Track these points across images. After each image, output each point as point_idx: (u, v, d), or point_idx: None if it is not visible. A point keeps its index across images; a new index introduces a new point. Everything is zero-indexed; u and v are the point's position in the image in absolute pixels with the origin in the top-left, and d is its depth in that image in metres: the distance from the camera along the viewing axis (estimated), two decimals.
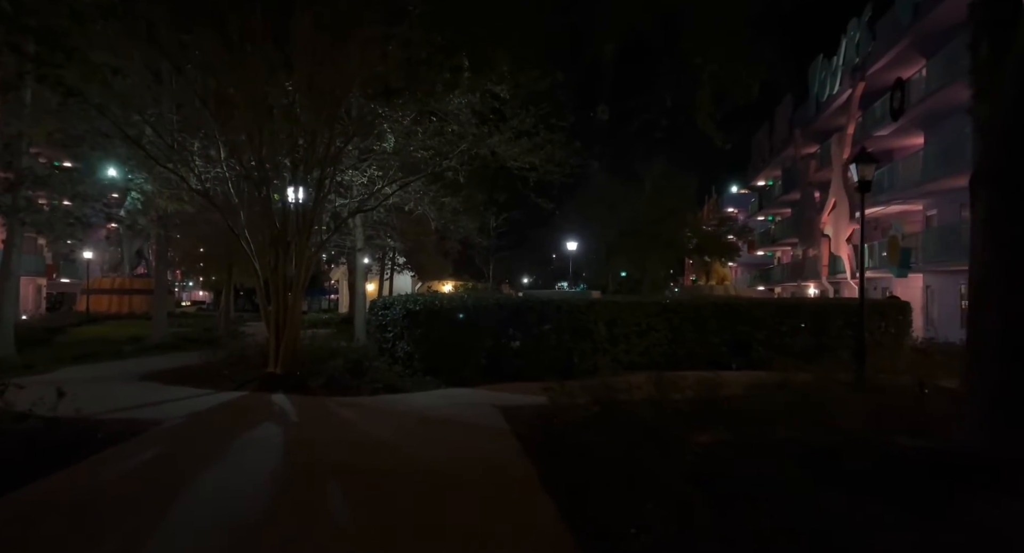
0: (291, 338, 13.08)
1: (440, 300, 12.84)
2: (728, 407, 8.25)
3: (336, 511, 5.49)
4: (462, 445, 7.71)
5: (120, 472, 6.50)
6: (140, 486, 6.04)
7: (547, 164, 13.14)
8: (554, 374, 12.93)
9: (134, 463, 6.86)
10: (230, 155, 12.94)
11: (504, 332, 12.83)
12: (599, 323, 13.39)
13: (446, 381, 12.36)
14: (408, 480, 6.17)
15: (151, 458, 7.12)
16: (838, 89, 33.49)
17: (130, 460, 6.95)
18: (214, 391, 11.72)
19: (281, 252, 13.11)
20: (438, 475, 6.34)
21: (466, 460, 6.93)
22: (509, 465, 6.66)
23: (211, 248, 28.04)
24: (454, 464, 6.76)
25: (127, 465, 6.77)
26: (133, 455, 7.14)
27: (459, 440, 7.98)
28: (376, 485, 6.02)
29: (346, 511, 5.47)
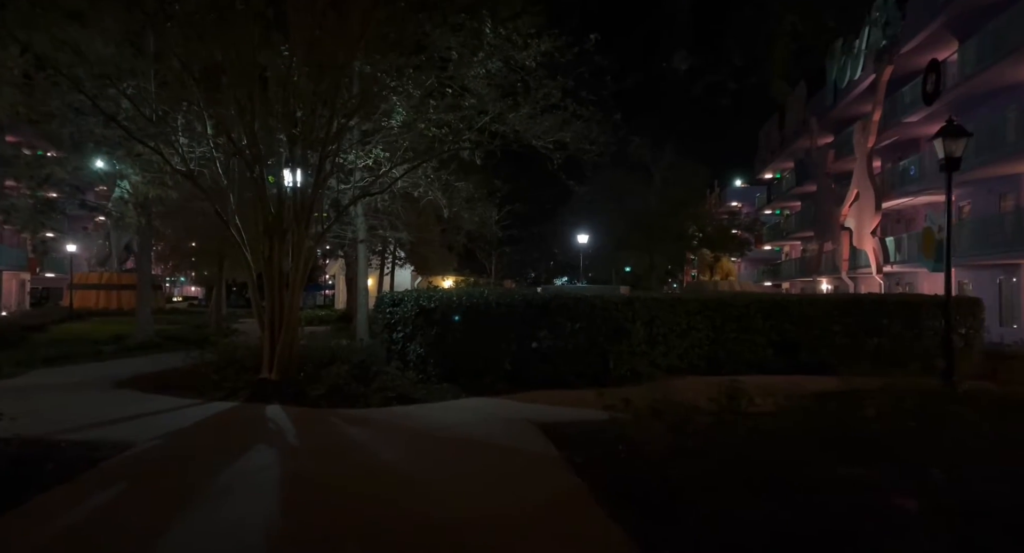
0: (288, 339, 11.50)
1: (458, 296, 11.29)
2: (834, 429, 6.69)
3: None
4: (507, 482, 6.13)
5: (56, 532, 4.88)
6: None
7: (580, 142, 11.56)
8: (586, 380, 11.45)
9: (80, 515, 5.18)
10: (217, 131, 11.35)
11: (531, 333, 11.28)
12: (637, 323, 11.84)
13: (465, 389, 10.81)
14: (451, 541, 4.61)
15: (105, 505, 5.48)
16: (860, 74, 31.97)
17: (76, 510, 5.28)
18: (200, 401, 10.14)
19: (276, 242, 11.52)
20: (487, 533, 4.78)
21: (519, 510, 5.37)
22: (582, 521, 5.02)
23: (201, 240, 26.40)
24: (506, 518, 5.17)
25: (69, 519, 5.11)
26: (83, 500, 5.48)
27: (501, 474, 6.39)
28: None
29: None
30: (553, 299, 11.34)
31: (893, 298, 13.75)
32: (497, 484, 6.02)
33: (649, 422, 7.31)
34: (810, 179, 41.08)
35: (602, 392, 10.70)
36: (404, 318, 12.13)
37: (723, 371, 12.89)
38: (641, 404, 7.67)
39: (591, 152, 11.66)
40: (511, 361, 11.19)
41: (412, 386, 10.82)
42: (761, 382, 12.32)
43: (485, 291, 11.88)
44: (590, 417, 8.59)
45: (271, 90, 10.63)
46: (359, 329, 18.22)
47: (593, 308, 11.42)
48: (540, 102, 11.52)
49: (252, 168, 10.94)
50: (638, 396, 7.95)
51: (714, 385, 11.41)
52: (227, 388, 10.97)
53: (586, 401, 10.03)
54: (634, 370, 11.82)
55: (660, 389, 10.84)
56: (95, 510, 5.29)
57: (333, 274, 50.39)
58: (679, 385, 11.43)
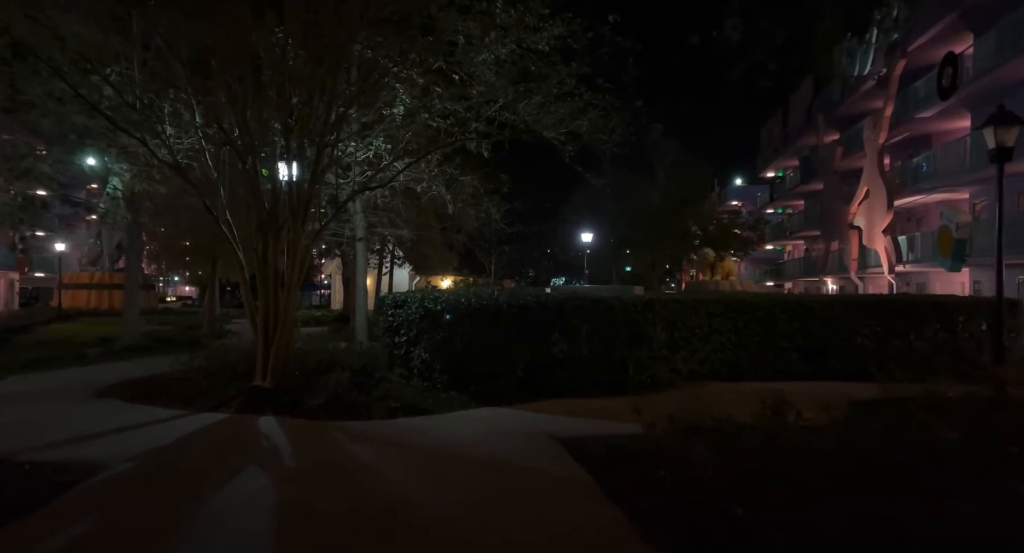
0: (283, 344, 10.68)
1: (467, 297, 10.47)
2: (910, 449, 5.89)
3: None
4: (536, 512, 5.30)
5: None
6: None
7: (596, 131, 10.73)
8: (604, 388, 10.66)
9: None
10: (207, 121, 10.52)
11: (545, 337, 10.47)
12: (657, 326, 11.05)
13: (475, 398, 10.00)
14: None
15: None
16: (870, 69, 31.22)
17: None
18: (186, 412, 9.31)
19: (271, 239, 10.70)
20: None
21: (551, 546, 4.56)
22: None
23: (193, 238, 25.55)
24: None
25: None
26: (32, 546, 4.67)
27: (527, 502, 5.55)
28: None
29: None
30: (568, 300, 10.53)
31: (926, 299, 12.98)
32: (524, 515, 5.20)
33: (687, 438, 6.52)
34: (816, 177, 40.35)
35: (623, 401, 10.00)
36: (408, 321, 11.33)
37: (745, 377, 12.16)
38: (673, 416, 6.90)
39: (609, 142, 10.85)
40: (524, 367, 10.38)
41: (418, 395, 10.01)
42: (791, 389, 11.51)
43: (495, 292, 11.07)
44: (617, 431, 7.79)
45: (264, 74, 9.81)
46: (358, 331, 17.40)
47: (612, 310, 10.62)
48: (554, 89, 10.71)
49: (244, 159, 10.10)
50: (665, 406, 7.19)
51: (743, 393, 10.64)
52: (217, 397, 10.14)
53: (608, 412, 9.25)
54: (654, 376, 11.04)
55: (688, 398, 10.04)
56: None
57: (329, 274, 49.52)
58: (705, 393, 10.63)
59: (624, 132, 10.69)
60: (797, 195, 46.72)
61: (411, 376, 11.00)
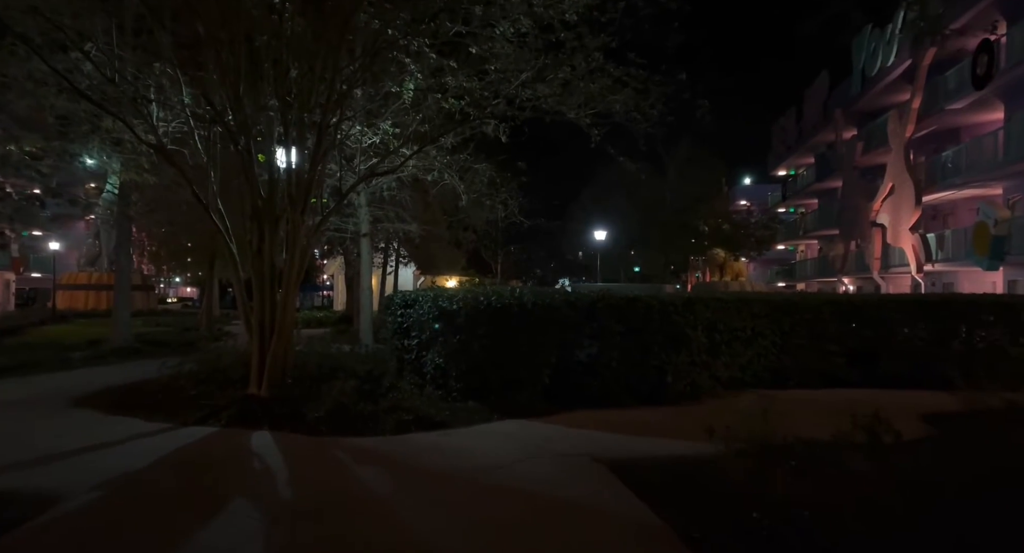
0: (281, 348, 9.56)
1: (486, 296, 9.33)
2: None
3: None
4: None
5: None
6: None
7: (630, 111, 9.58)
8: (639, 397, 9.53)
9: None
10: (196, 101, 9.42)
11: (574, 340, 9.32)
12: (698, 328, 9.90)
13: (496, 409, 8.85)
14: None
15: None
16: (893, 61, 30.04)
17: None
18: (170, 426, 8.17)
19: (268, 230, 9.59)
20: None
21: None
22: None
23: (190, 237, 24.51)
24: None
25: None
26: None
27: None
28: None
29: None
30: (601, 300, 9.38)
31: (988, 299, 11.81)
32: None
33: (764, 462, 5.38)
34: (832, 175, 39.16)
35: (664, 413, 8.85)
36: (419, 322, 10.20)
37: (790, 384, 11.04)
38: (736, 432, 5.77)
39: (645, 123, 9.70)
40: (550, 374, 9.23)
41: (432, 405, 8.88)
42: (847, 399, 10.40)
43: (517, 290, 9.93)
44: (670, 451, 6.65)
45: (259, 41, 8.68)
46: (363, 333, 16.28)
47: (649, 311, 9.47)
48: (582, 64, 9.56)
49: (236, 139, 8.97)
50: (716, 419, 6.08)
51: (798, 403, 9.48)
52: (206, 407, 9.01)
53: (651, 426, 8.10)
54: (694, 384, 9.89)
55: (738, 409, 8.91)
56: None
57: (331, 273, 48.40)
58: (755, 403, 9.50)
59: (663, 110, 9.52)
60: (811, 193, 45.50)
61: (423, 383, 9.89)
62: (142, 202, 19.57)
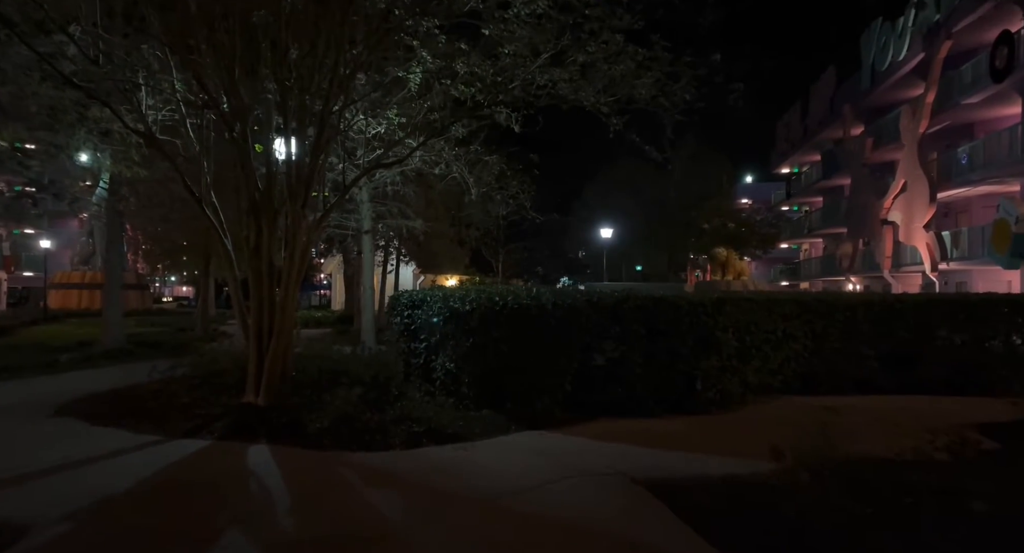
0: (280, 352, 8.85)
1: (502, 296, 8.64)
2: None
3: None
4: None
5: None
6: None
7: (657, 97, 8.88)
8: (666, 405, 8.84)
9: None
10: (186, 81, 8.71)
11: (597, 344, 8.63)
12: (728, 331, 9.22)
13: (514, 419, 8.17)
14: None
15: None
16: (905, 54, 29.40)
17: None
18: (158, 438, 7.47)
19: (266, 226, 8.88)
20: None
21: None
22: None
23: (186, 234, 23.72)
24: None
25: None
26: None
27: None
28: None
29: None
30: (626, 300, 8.69)
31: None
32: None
33: (826, 483, 4.72)
34: (839, 172, 38.58)
35: (695, 423, 8.17)
36: (428, 324, 9.52)
37: (821, 390, 10.38)
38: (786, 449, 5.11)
39: (673, 109, 9.00)
40: (571, 380, 8.54)
41: (444, 414, 8.19)
42: (889, 407, 9.72)
43: (535, 289, 9.24)
44: (717, 470, 5.96)
45: (256, 19, 7.97)
46: (365, 334, 15.59)
47: (677, 312, 8.78)
48: (604, 47, 8.86)
49: (232, 126, 8.26)
50: (755, 431, 5.42)
51: (837, 411, 8.79)
52: (199, 417, 8.31)
53: (686, 439, 7.41)
54: (724, 391, 9.21)
55: (776, 419, 8.23)
56: None
57: (330, 272, 47.66)
58: (790, 411, 8.82)
59: (695, 94, 8.81)
60: (817, 191, 44.91)
61: (433, 390, 9.20)
62: (134, 197, 18.86)
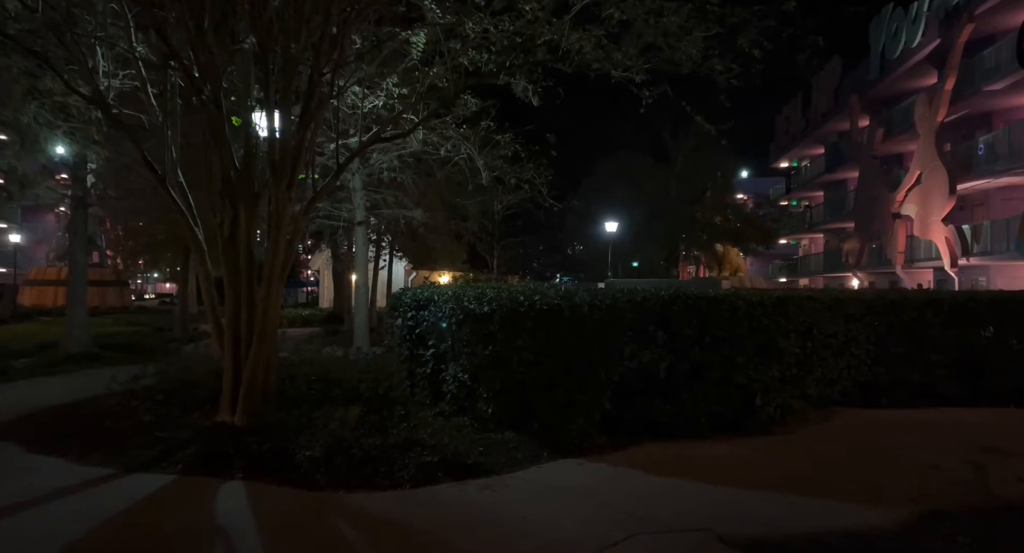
0: (262, 362, 7.41)
1: (528, 295, 7.24)
2: None
3: None
4: None
5: None
6: None
7: (713, 56, 7.49)
8: (721, 423, 7.48)
9: None
10: (146, 38, 7.24)
11: (641, 352, 7.24)
12: (790, 335, 7.86)
13: (542, 440, 6.79)
14: None
15: None
16: (919, 41, 28.19)
17: None
18: (109, 472, 6.03)
19: (244, 211, 7.44)
20: None
21: None
22: None
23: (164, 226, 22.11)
24: None
25: None
26: None
27: None
28: None
29: None
30: (676, 300, 7.31)
31: None
32: None
33: None
34: (844, 165, 37.44)
35: (761, 446, 6.81)
36: (437, 327, 8.10)
37: (883, 402, 9.09)
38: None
39: (727, 73, 7.62)
40: (610, 396, 7.16)
41: (459, 438, 6.81)
42: (978, 423, 8.41)
43: (564, 288, 7.85)
44: (818, 519, 4.60)
45: None
46: (358, 336, 14.13)
47: (734, 313, 7.40)
48: None
49: (201, 88, 6.80)
50: (839, 459, 4.06)
51: (924, 430, 7.50)
52: (162, 441, 6.88)
53: (754, 469, 6.03)
54: (784, 406, 7.86)
55: (855, 441, 6.88)
56: None
57: (318, 269, 46.03)
58: (865, 431, 7.50)
59: (762, 52, 7.41)
60: (818, 185, 43.83)
61: (442, 405, 7.82)
62: (105, 186, 17.33)
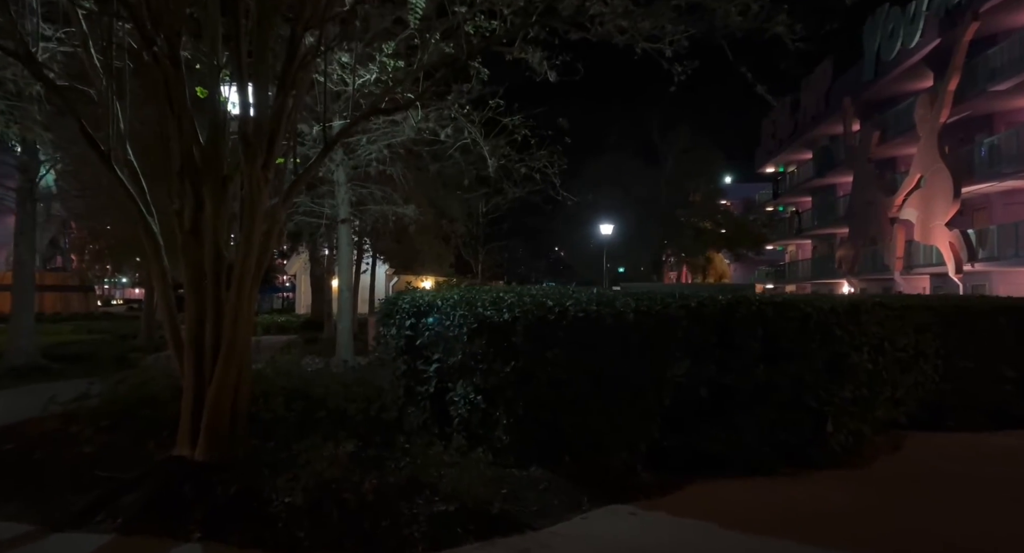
0: (230, 380, 5.99)
1: (557, 300, 5.94)
2: None
3: None
4: None
5: None
6: None
7: (781, 14, 6.28)
8: (784, 453, 6.26)
9: None
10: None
11: (695, 369, 5.97)
12: (864, 349, 6.65)
13: (578, 479, 5.50)
14: None
15: None
16: (917, 41, 27.46)
17: None
18: (27, 530, 4.62)
19: (209, 196, 6.04)
20: None
21: None
22: None
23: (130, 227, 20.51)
24: None
25: None
26: None
27: None
28: None
29: None
30: (738, 306, 6.06)
31: None
32: None
33: None
34: (835, 169, 36.74)
35: (845, 484, 5.57)
36: (443, 338, 6.76)
37: (949, 424, 7.94)
38: None
39: (794, 36, 6.41)
40: (659, 423, 5.88)
41: (476, 477, 5.45)
42: None
43: (596, 291, 6.57)
44: None
45: None
46: (341, 345, 12.72)
47: (805, 323, 6.17)
48: None
49: (153, 39, 5.41)
50: (948, 501, 3.41)
51: (1011, 460, 6.28)
52: (103, 483, 5.46)
53: (852, 522, 4.77)
54: (856, 433, 6.64)
55: (948, 480, 5.62)
56: None
57: (294, 273, 44.30)
58: (957, 462, 6.30)
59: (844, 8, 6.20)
60: (807, 191, 43.18)
61: (450, 431, 6.47)
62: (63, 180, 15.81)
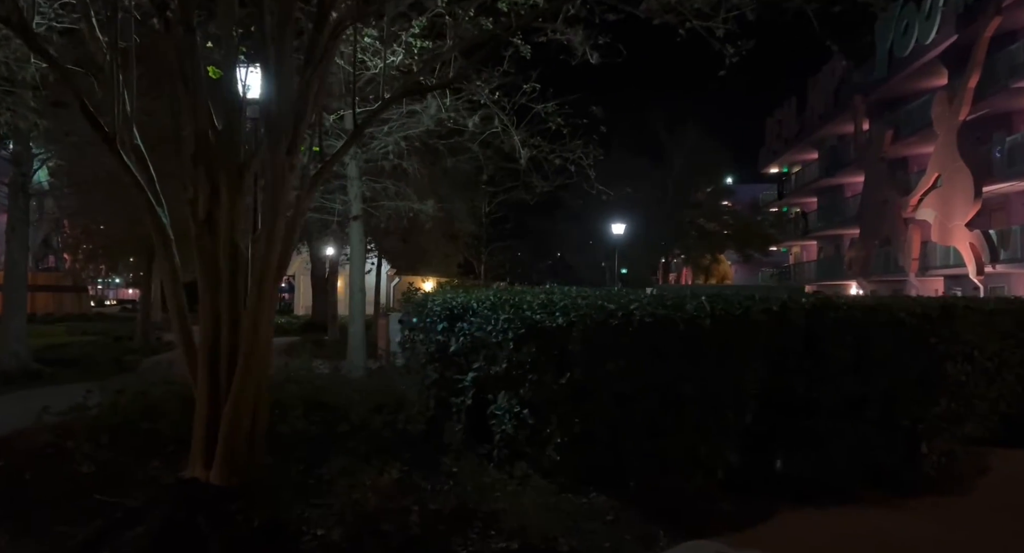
0: (248, 395, 5.23)
1: (619, 303, 5.25)
2: None
3: None
4: None
5: None
6: None
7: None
8: (875, 476, 5.57)
9: None
10: None
11: (778, 382, 5.27)
12: (958, 357, 5.98)
13: (646, 507, 4.80)
14: None
15: None
16: (933, 38, 26.89)
17: None
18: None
19: (226, 185, 5.30)
20: None
21: None
22: None
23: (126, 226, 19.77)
24: None
25: None
26: None
27: None
28: None
29: None
30: (825, 309, 5.37)
31: None
32: None
33: None
34: (844, 169, 36.22)
35: (960, 518, 4.86)
36: (482, 344, 6.04)
37: None
38: None
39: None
40: (738, 444, 5.18)
41: (531, 504, 4.74)
42: None
43: (660, 291, 5.87)
44: None
45: None
46: (353, 349, 11.99)
47: (900, 329, 5.48)
48: None
49: (162, 7, 4.70)
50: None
51: None
52: (104, 510, 4.74)
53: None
54: (949, 453, 5.96)
55: None
56: None
57: (292, 273, 43.48)
58: None
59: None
60: (812, 191, 42.67)
61: (489, 446, 5.77)
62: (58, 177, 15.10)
